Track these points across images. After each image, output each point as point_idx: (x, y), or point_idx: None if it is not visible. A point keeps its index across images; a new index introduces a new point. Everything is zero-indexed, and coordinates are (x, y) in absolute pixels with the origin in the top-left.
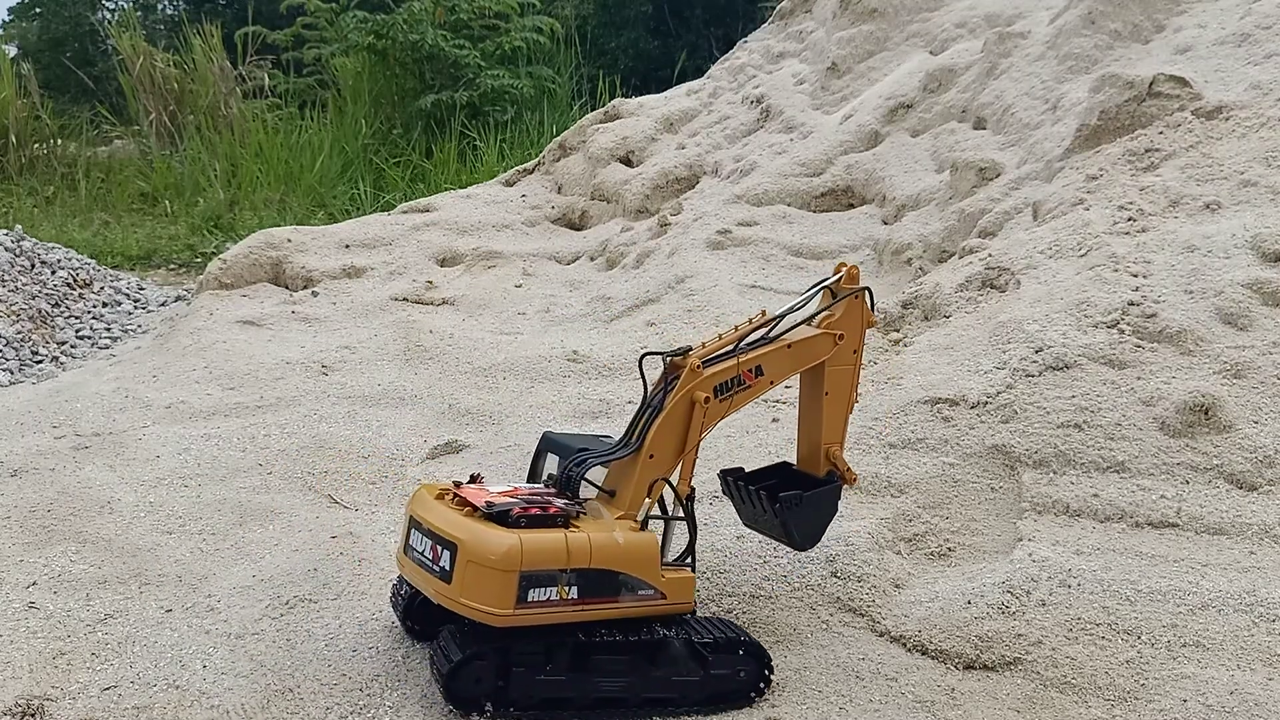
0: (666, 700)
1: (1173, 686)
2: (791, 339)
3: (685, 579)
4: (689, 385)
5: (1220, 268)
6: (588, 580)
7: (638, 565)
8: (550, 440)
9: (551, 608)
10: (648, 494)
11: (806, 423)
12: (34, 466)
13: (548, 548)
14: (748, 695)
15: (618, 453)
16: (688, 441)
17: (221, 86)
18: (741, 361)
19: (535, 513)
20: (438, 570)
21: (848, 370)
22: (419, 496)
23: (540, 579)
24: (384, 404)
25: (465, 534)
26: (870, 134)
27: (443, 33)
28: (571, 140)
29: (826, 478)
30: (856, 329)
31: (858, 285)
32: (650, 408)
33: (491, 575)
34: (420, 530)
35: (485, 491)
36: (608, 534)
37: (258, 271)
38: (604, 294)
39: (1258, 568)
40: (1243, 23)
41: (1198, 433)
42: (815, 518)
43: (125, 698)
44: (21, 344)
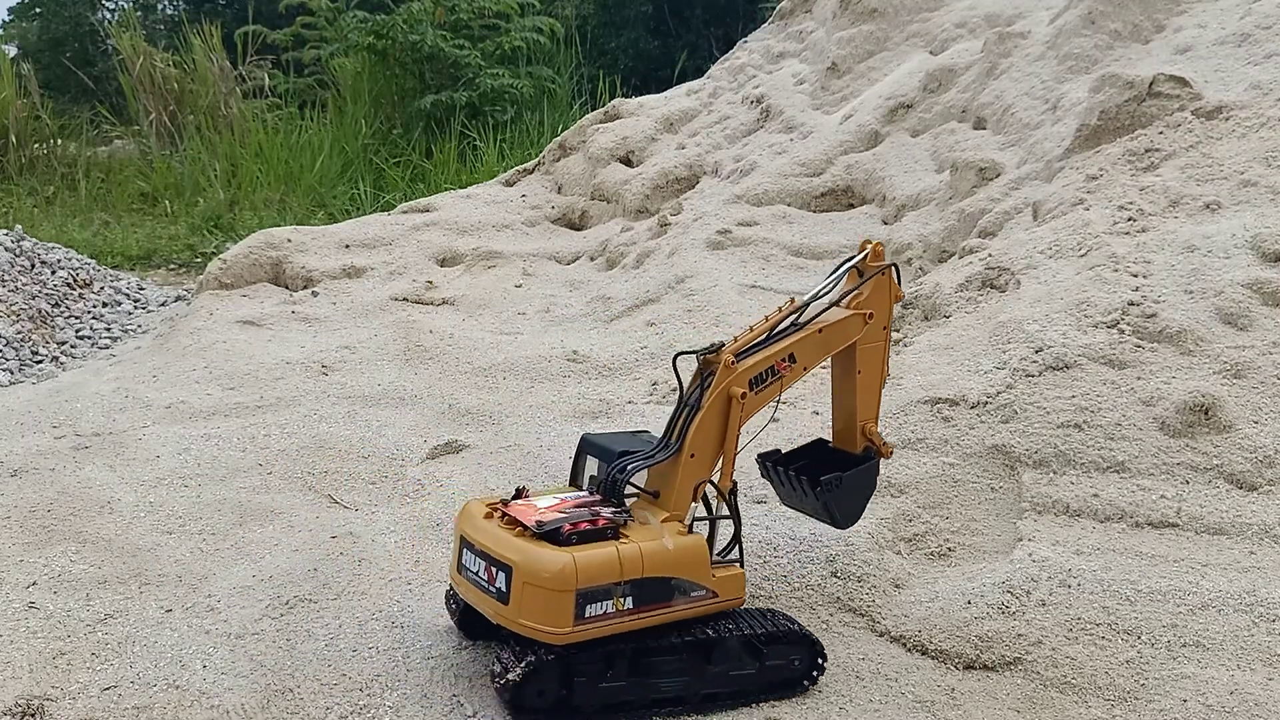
0: (724, 694)
1: (1173, 686)
2: (822, 323)
3: (735, 575)
4: (724, 381)
5: (1220, 268)
6: (641, 589)
7: (689, 569)
8: (590, 442)
9: (608, 620)
10: (692, 497)
11: (840, 401)
12: (34, 466)
13: (601, 563)
14: (802, 683)
15: (658, 455)
16: (727, 437)
17: (221, 86)
18: (774, 352)
19: (585, 527)
20: (494, 591)
21: (879, 347)
22: (468, 514)
23: (596, 594)
24: (384, 404)
25: (519, 556)
26: (870, 134)
27: (443, 33)
28: (571, 140)
29: (864, 454)
30: (885, 306)
31: (883, 262)
32: (687, 406)
33: (548, 596)
34: (472, 550)
35: (533, 508)
36: (657, 541)
37: (258, 271)
38: (604, 294)
39: (1258, 568)
40: (1243, 23)
41: (1198, 433)
42: (855, 497)
43: (125, 698)
44: (21, 344)
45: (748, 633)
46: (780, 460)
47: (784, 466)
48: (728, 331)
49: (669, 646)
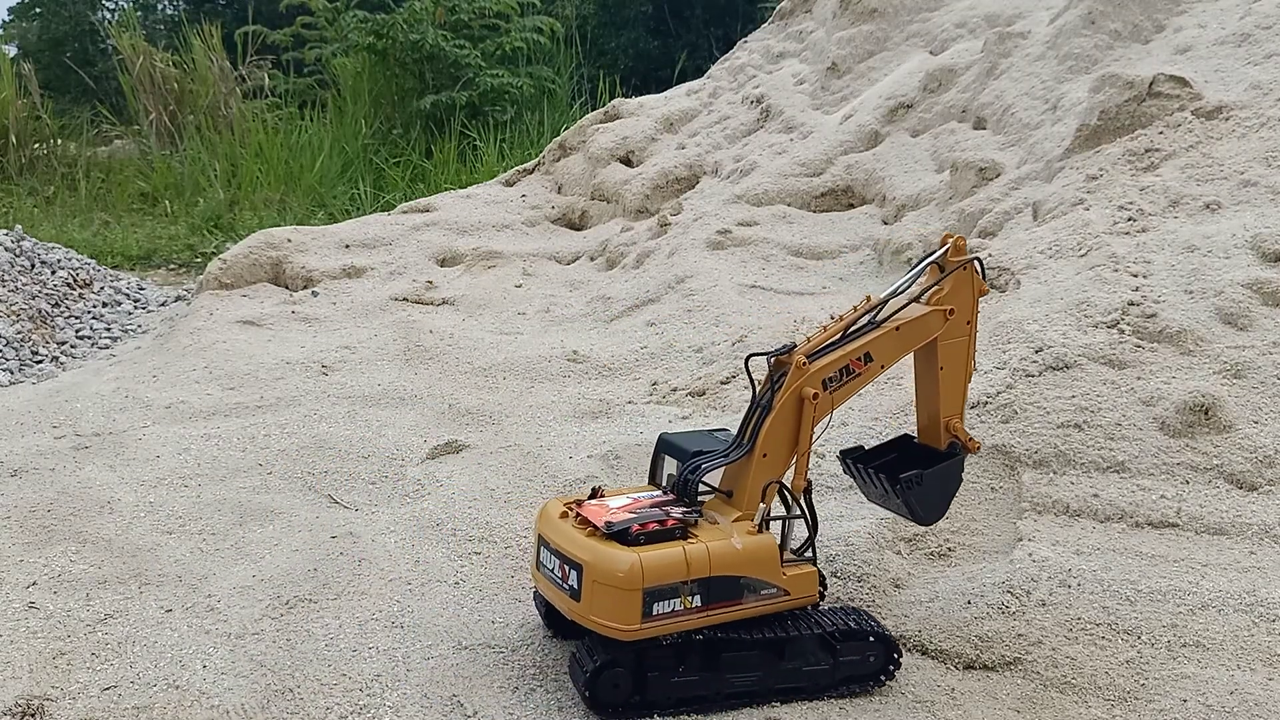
0: (797, 690)
1: (1173, 686)
2: (900, 321)
3: (807, 574)
4: (796, 382)
5: (1220, 268)
6: (710, 588)
7: (758, 568)
8: (666, 442)
9: (677, 617)
10: (762, 497)
11: (924, 396)
12: (34, 466)
13: (668, 563)
14: (877, 678)
15: (731, 455)
16: (800, 437)
17: (221, 86)
18: (848, 351)
19: (653, 528)
20: (567, 589)
21: (962, 343)
22: (546, 514)
23: (663, 592)
24: (384, 404)
25: (589, 555)
26: (870, 134)
27: (443, 33)
28: (571, 140)
29: (948, 450)
30: (968, 301)
31: (965, 256)
32: (760, 407)
33: (617, 594)
34: (548, 549)
35: (605, 508)
36: (725, 541)
37: (258, 271)
38: (604, 294)
39: (1258, 568)
40: (1243, 23)
41: (1198, 433)
42: (938, 492)
43: (125, 698)
44: (21, 344)
45: (823, 630)
46: (863, 457)
47: (866, 463)
48: (727, 332)
49: (742, 641)
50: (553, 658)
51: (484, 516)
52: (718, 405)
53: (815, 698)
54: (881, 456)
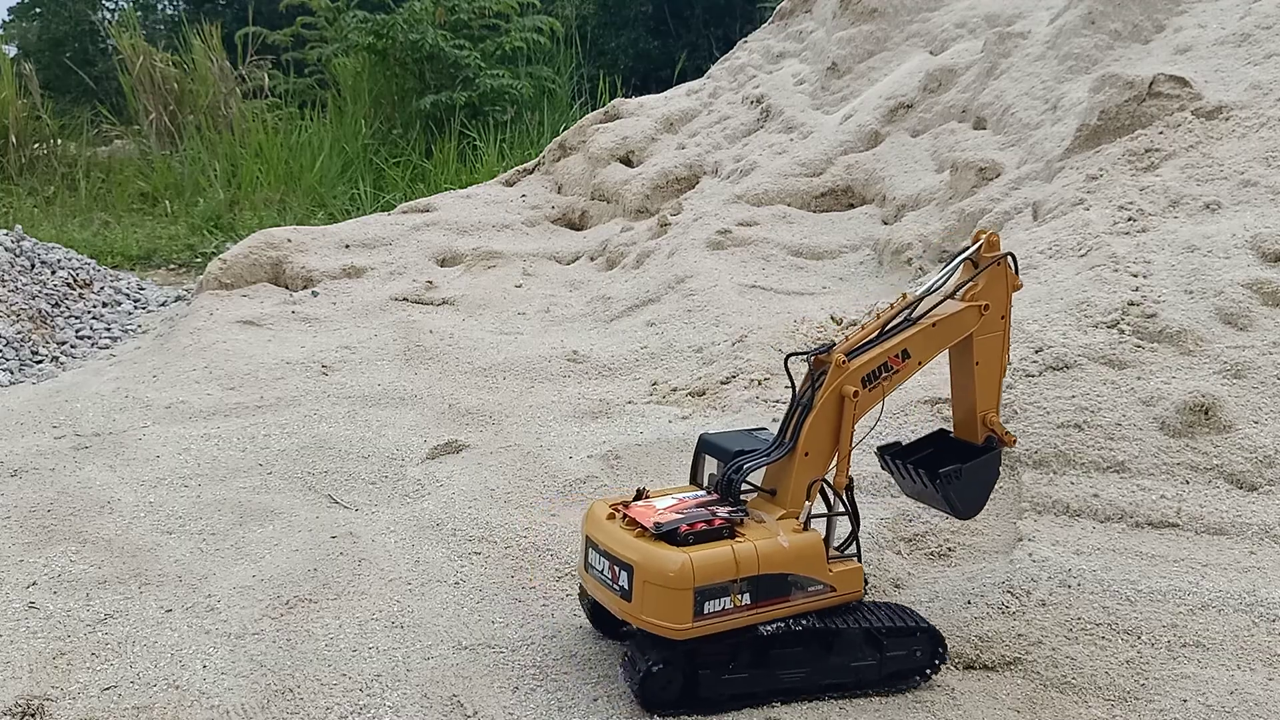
0: (844, 685)
1: (1173, 686)
2: (936, 317)
3: (853, 570)
4: (836, 380)
5: (1220, 268)
6: (759, 586)
7: (805, 565)
8: (707, 442)
9: (727, 616)
10: (807, 496)
11: (959, 391)
12: (34, 466)
13: (717, 562)
14: (923, 673)
15: (773, 454)
16: (841, 435)
17: (221, 86)
18: (886, 348)
19: (701, 528)
20: (618, 589)
21: (997, 337)
22: (593, 516)
23: (713, 591)
24: (384, 404)
25: (639, 556)
26: (870, 134)
27: (443, 33)
28: (571, 140)
29: (985, 444)
30: (1002, 296)
31: (999, 252)
32: (800, 406)
33: (668, 594)
34: (597, 550)
35: (652, 509)
36: (772, 539)
37: (258, 271)
38: (604, 294)
39: (1258, 568)
40: (1243, 23)
41: (1198, 433)
42: (977, 487)
43: (125, 698)
44: (21, 344)
45: (869, 626)
46: (900, 452)
47: (904, 458)
48: (727, 332)
49: (790, 637)
50: (553, 657)
51: (484, 516)
52: (718, 405)
53: (862, 693)
54: (918, 451)
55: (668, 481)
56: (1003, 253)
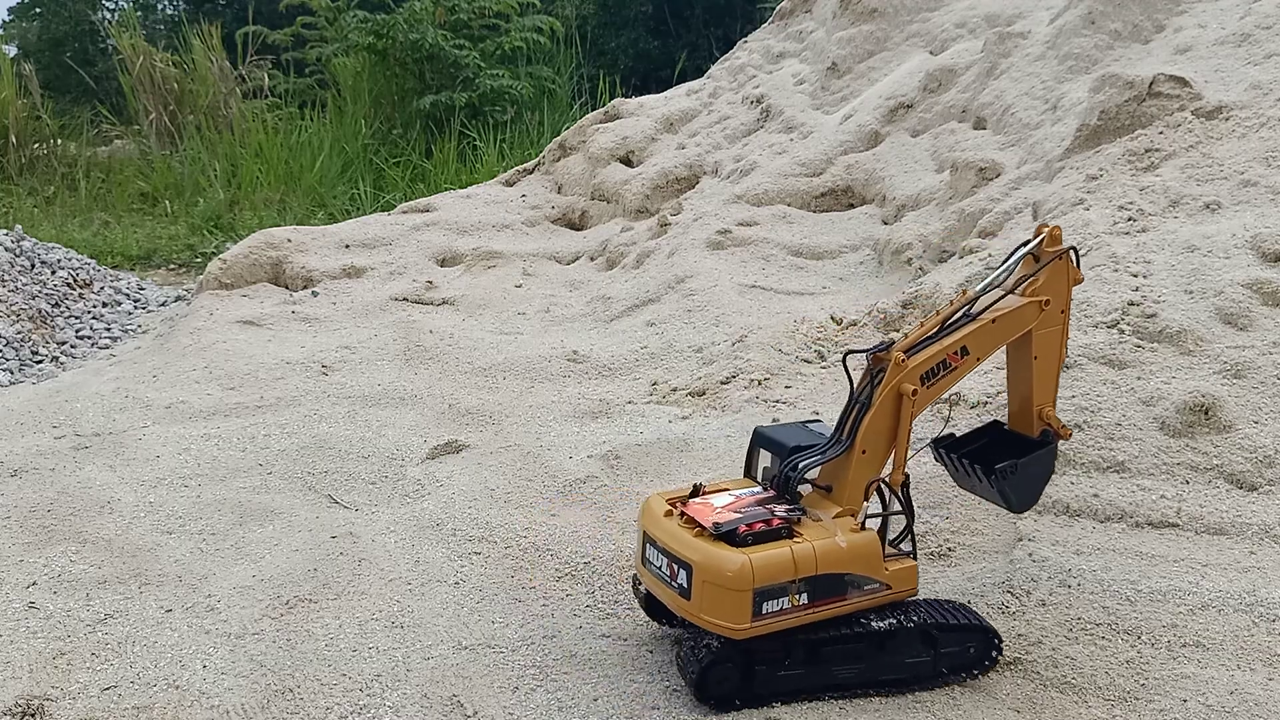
0: (899, 681)
1: (1173, 686)
2: (996, 313)
3: (908, 568)
4: (895, 379)
5: (1220, 268)
6: (816, 585)
7: (861, 564)
8: (762, 436)
9: (784, 615)
10: (865, 496)
11: (1016, 384)
12: (34, 466)
13: (776, 563)
14: (979, 667)
15: (831, 451)
16: (899, 433)
17: (221, 86)
18: (945, 346)
19: (760, 528)
20: (676, 586)
21: (1056, 331)
22: (650, 511)
23: (772, 592)
24: (384, 404)
25: (699, 556)
26: (870, 134)
27: (443, 33)
28: (571, 140)
29: (1041, 438)
30: (1062, 291)
31: (1061, 247)
32: (858, 404)
33: (727, 594)
34: (655, 547)
35: (710, 507)
36: (830, 539)
37: (258, 271)
38: (604, 294)
39: (1258, 568)
40: (1243, 23)
41: (1198, 433)
42: (1031, 481)
43: (125, 698)
44: (21, 344)
45: (923, 622)
46: (954, 445)
47: (958, 452)
48: (727, 332)
49: (844, 635)
50: (553, 657)
51: (484, 516)
52: (718, 405)
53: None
54: (971, 444)
55: (668, 481)
56: (1065, 247)
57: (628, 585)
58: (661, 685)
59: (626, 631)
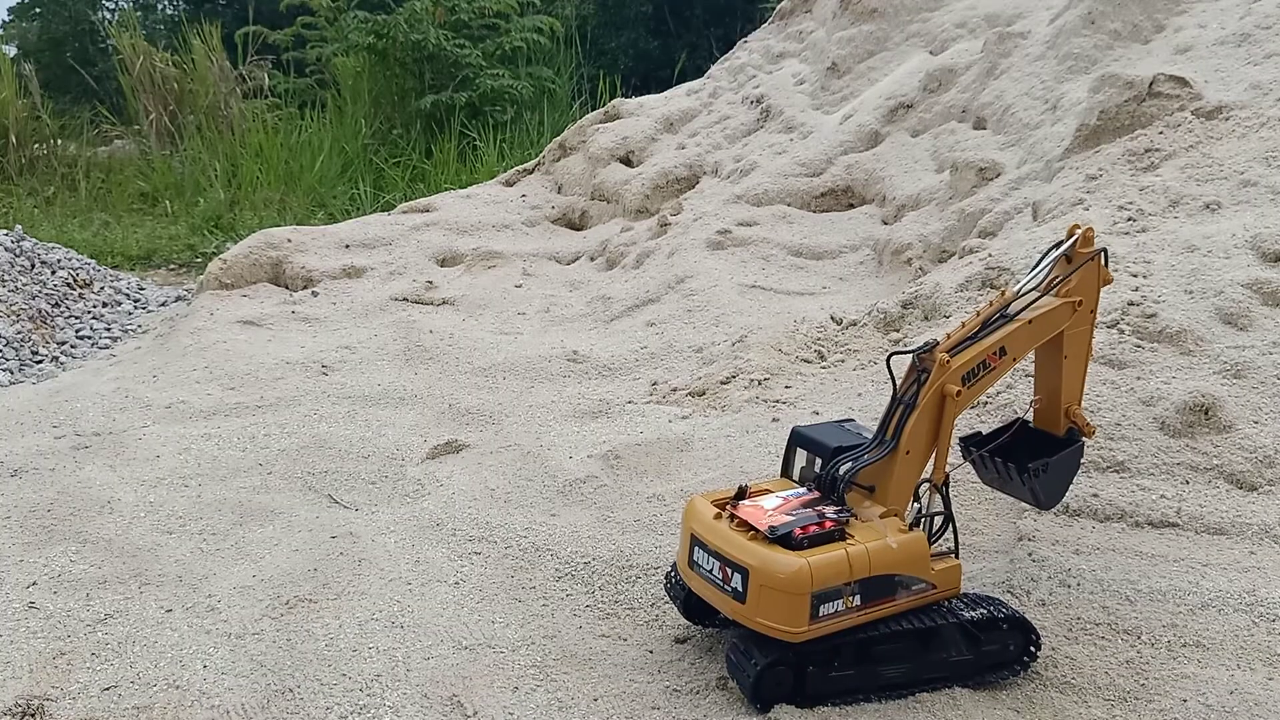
0: (943, 679)
1: (1173, 686)
2: (1032, 314)
3: (953, 567)
4: (940, 379)
5: (1220, 268)
6: (868, 587)
7: (911, 565)
8: (801, 436)
9: (839, 617)
10: (914, 497)
11: (1044, 383)
12: (34, 466)
13: (832, 566)
14: (1022, 660)
15: (875, 452)
16: (941, 434)
17: (221, 86)
18: (986, 346)
19: (814, 530)
20: (730, 590)
21: (1085, 331)
22: (696, 514)
23: (828, 595)
24: (384, 404)
25: (756, 560)
26: (870, 134)
27: (443, 32)
28: (571, 140)
29: (1067, 436)
30: (1093, 292)
31: (1094, 249)
32: (902, 404)
33: (785, 598)
34: (706, 550)
35: (761, 509)
36: (882, 541)
37: (258, 271)
38: (604, 294)
39: (1258, 568)
40: (1243, 23)
41: (1198, 433)
42: (1060, 479)
43: (125, 698)
44: (21, 344)
45: (965, 620)
46: (982, 443)
47: (987, 450)
48: (727, 332)
49: (892, 635)
50: (553, 657)
51: (484, 516)
52: (718, 405)
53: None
54: (997, 439)
55: (669, 481)
56: (1098, 249)
57: (628, 585)
58: (661, 685)
59: (626, 631)
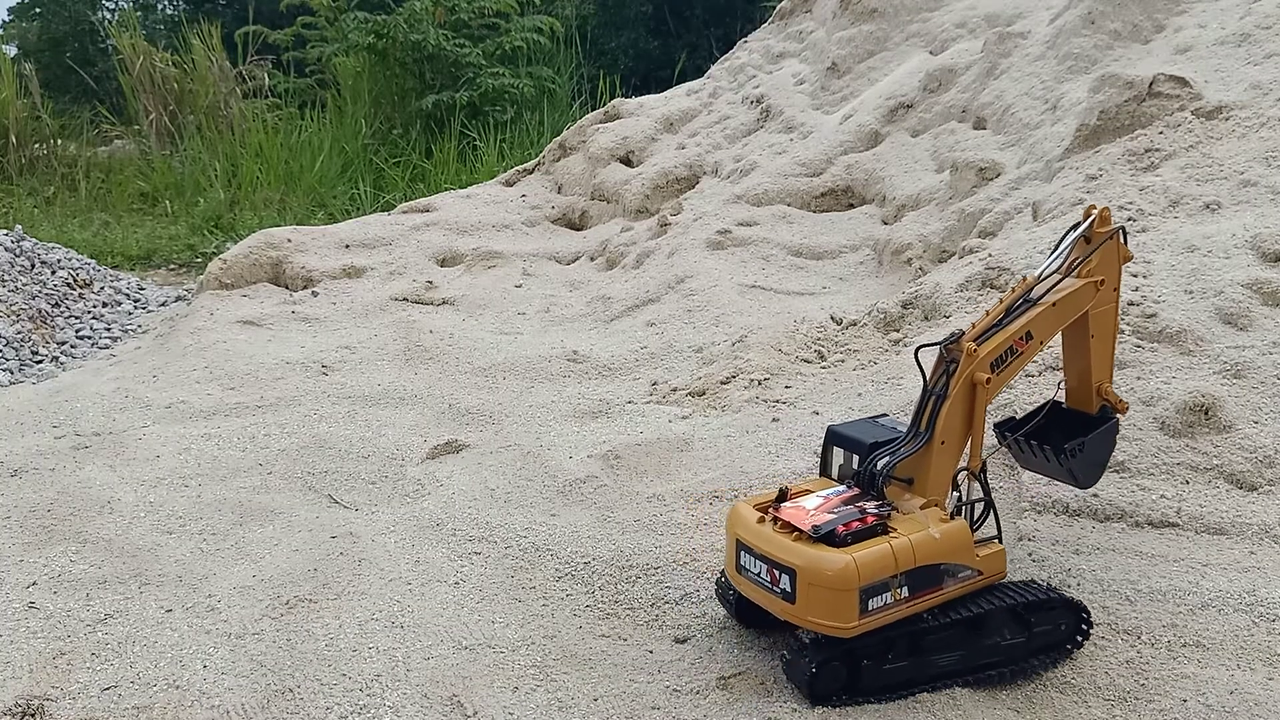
0: (997, 664)
1: (1173, 686)
2: (1055, 297)
3: (997, 553)
4: (969, 368)
5: (1220, 268)
6: (915, 578)
7: (955, 553)
8: (836, 434)
9: (888, 610)
10: (953, 487)
11: (1073, 364)
12: (34, 466)
13: (878, 560)
14: (1071, 643)
15: (911, 445)
16: (974, 422)
17: (221, 86)
18: (1012, 332)
19: (857, 527)
20: (779, 592)
21: (1110, 309)
22: (740, 519)
23: (876, 588)
24: (384, 404)
25: (802, 560)
26: (870, 134)
27: (443, 32)
28: (571, 140)
29: (1101, 414)
30: (1115, 270)
31: (1112, 227)
32: (934, 395)
33: (834, 595)
34: (752, 554)
35: (803, 510)
36: (925, 532)
37: (258, 271)
38: (604, 294)
39: (1258, 568)
40: (1243, 23)
41: (1198, 433)
42: (1097, 457)
43: (125, 698)
44: (21, 344)
45: (1015, 604)
46: (1016, 427)
47: (1022, 434)
48: (727, 332)
49: (943, 624)
50: (553, 657)
51: (484, 516)
52: (718, 405)
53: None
54: (1031, 422)
55: (669, 481)
56: (1116, 227)
57: (628, 585)
58: (661, 685)
59: (626, 631)
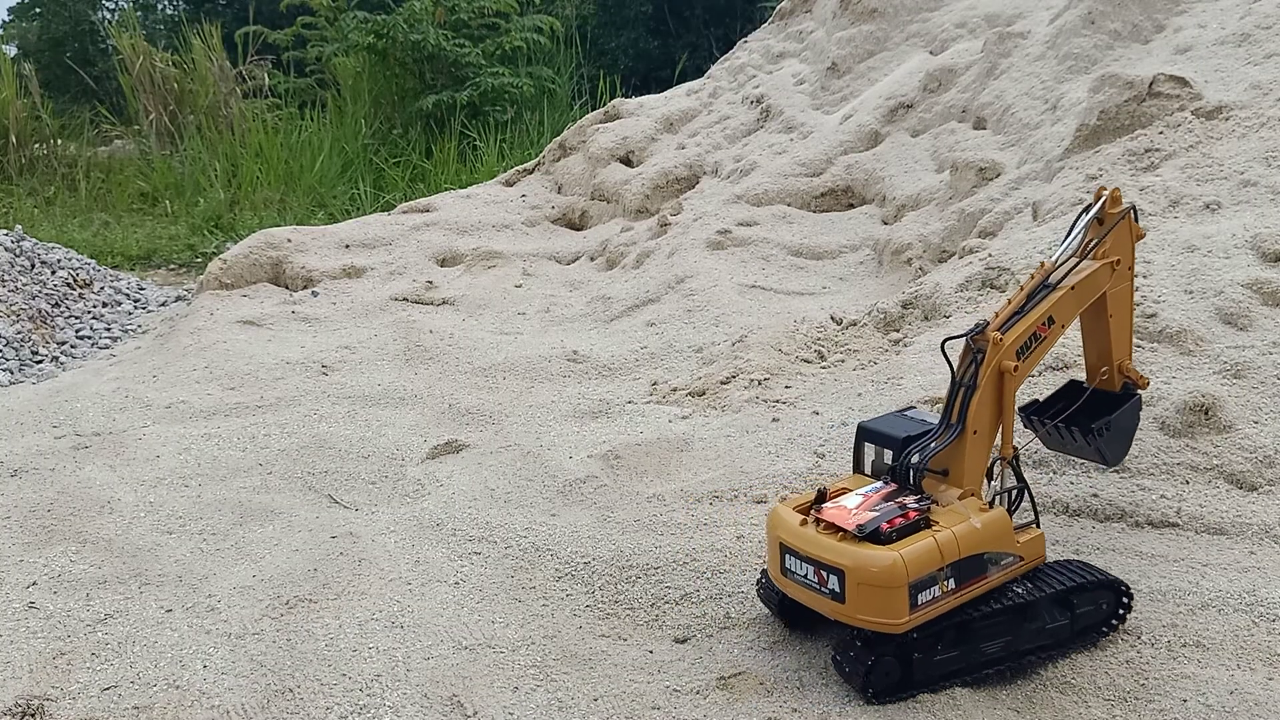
0: (1045, 648)
1: (1173, 686)
2: (1074, 280)
3: (1036, 538)
4: (995, 357)
5: (1220, 268)
6: (960, 569)
7: (997, 541)
8: (867, 430)
9: (937, 603)
10: (988, 476)
11: (1093, 344)
12: (34, 466)
13: (925, 554)
14: (1113, 620)
15: (944, 437)
16: (1004, 410)
17: (221, 86)
18: (1034, 318)
19: (900, 523)
20: (828, 592)
21: (1126, 288)
22: (782, 521)
23: (924, 583)
24: (384, 404)
25: (850, 560)
26: (870, 134)
27: (443, 32)
28: (571, 140)
29: (1124, 392)
30: (1129, 250)
31: (1123, 207)
32: (963, 386)
33: (883, 592)
34: (797, 556)
35: (845, 510)
36: (966, 522)
37: (258, 271)
38: (604, 294)
39: (1258, 568)
40: (1243, 23)
41: (1198, 433)
42: (1123, 435)
43: (125, 698)
44: (21, 344)
45: (1057, 587)
46: (1040, 409)
47: (1048, 416)
48: (727, 332)
49: (989, 612)
50: (553, 657)
51: (484, 516)
52: (718, 405)
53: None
54: (1056, 405)
55: (669, 481)
56: (1128, 206)
57: (628, 585)
58: (661, 685)
59: (626, 631)
